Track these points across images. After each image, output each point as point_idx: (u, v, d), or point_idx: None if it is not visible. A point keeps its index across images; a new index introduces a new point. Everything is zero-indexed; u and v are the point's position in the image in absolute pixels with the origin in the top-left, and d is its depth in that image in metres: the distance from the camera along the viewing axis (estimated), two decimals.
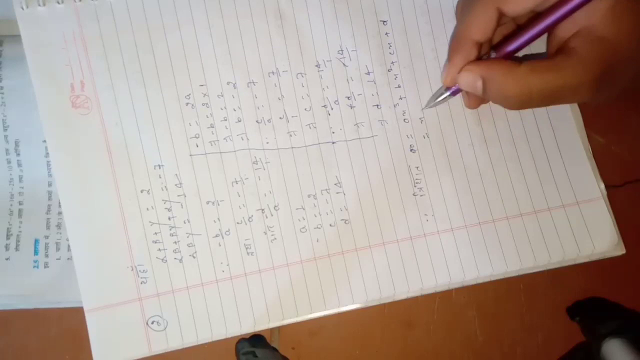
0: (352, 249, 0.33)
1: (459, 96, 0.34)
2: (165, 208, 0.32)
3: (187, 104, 0.33)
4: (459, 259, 0.33)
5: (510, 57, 0.30)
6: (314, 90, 0.34)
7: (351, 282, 0.33)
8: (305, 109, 0.34)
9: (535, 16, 0.29)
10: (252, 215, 0.32)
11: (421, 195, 0.34)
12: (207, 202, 0.32)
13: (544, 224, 0.34)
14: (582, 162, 0.35)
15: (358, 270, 0.33)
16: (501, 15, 0.29)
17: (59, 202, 0.32)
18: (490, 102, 0.34)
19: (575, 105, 0.35)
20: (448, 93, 0.32)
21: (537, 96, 0.27)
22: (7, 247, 0.32)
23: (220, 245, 0.32)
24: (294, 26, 0.34)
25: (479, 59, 0.30)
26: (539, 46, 0.32)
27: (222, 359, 0.33)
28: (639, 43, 0.27)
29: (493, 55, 0.30)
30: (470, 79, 0.29)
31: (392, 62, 0.34)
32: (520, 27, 0.30)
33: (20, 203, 0.33)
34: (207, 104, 0.33)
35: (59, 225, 0.33)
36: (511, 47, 0.29)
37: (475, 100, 0.33)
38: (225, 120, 0.33)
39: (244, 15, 0.33)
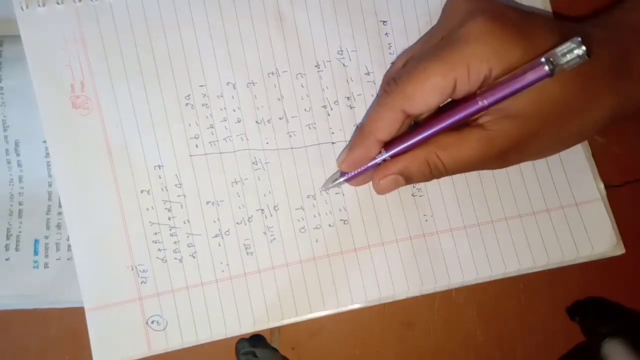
0: (352, 249, 0.33)
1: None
2: (165, 208, 0.32)
3: (187, 104, 0.33)
4: (457, 260, 0.33)
5: (400, 154, 0.30)
6: (314, 90, 0.34)
7: (350, 282, 0.33)
8: (304, 110, 0.34)
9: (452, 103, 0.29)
10: (251, 216, 0.33)
11: (420, 196, 0.34)
12: (207, 203, 0.32)
13: (543, 225, 0.34)
14: (582, 162, 0.35)
15: (357, 270, 0.33)
16: (407, 116, 0.29)
17: (59, 202, 0.32)
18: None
19: None
20: (343, 179, 0.31)
21: (447, 169, 0.29)
22: (7, 248, 0.32)
23: (220, 246, 0.32)
24: (293, 27, 0.34)
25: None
26: None
27: (222, 359, 0.33)
28: (551, 121, 0.28)
29: (384, 153, 0.30)
30: (393, 183, 0.30)
31: (392, 63, 0.34)
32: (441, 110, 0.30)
33: (20, 203, 0.33)
34: (206, 104, 0.33)
35: (59, 226, 0.33)
36: (400, 147, 0.29)
37: (364, 180, 0.32)
38: (225, 120, 0.33)
39: (243, 16, 0.33)
